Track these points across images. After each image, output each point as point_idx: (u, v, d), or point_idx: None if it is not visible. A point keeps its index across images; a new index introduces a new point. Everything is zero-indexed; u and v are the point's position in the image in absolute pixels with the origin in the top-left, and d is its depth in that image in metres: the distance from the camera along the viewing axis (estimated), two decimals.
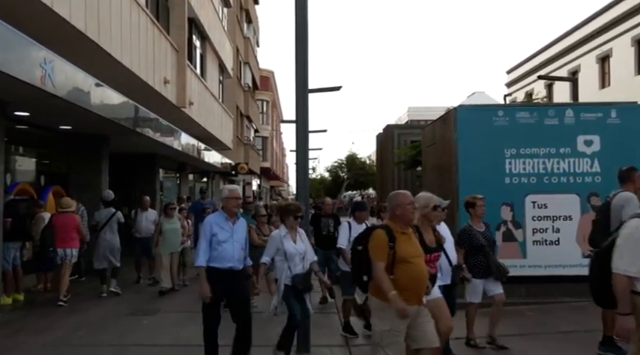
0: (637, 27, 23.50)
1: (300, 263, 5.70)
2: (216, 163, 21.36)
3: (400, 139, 16.56)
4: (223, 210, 5.48)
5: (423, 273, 4.32)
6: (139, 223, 11.00)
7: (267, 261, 5.71)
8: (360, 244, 4.42)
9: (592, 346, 6.27)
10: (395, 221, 4.36)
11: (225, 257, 5.31)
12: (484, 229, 6.34)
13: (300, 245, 5.74)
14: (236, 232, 5.42)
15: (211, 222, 5.38)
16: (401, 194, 4.55)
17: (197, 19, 16.52)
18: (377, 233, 4.31)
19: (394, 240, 4.21)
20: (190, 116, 15.18)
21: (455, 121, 9.07)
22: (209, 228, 5.34)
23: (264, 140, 44.62)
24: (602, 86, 26.34)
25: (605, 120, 8.95)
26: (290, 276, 5.59)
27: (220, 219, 5.43)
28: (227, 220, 5.40)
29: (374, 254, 4.23)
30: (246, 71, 31.92)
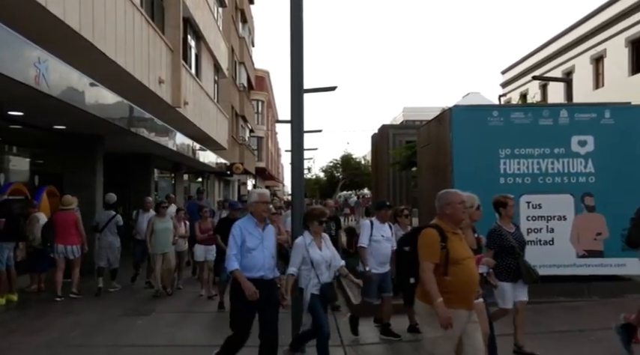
0: (631, 28, 23.61)
1: (327, 271, 5.43)
2: (212, 163, 21.34)
3: (395, 139, 16.57)
4: (252, 216, 5.14)
5: (475, 276, 4.13)
6: (140, 224, 10.64)
7: (295, 272, 5.35)
8: (408, 244, 4.20)
9: (586, 345, 6.30)
10: (444, 220, 4.14)
11: (255, 265, 5.00)
12: (514, 230, 6.03)
13: (326, 251, 5.46)
14: (266, 239, 5.12)
15: (240, 227, 5.07)
16: (451, 192, 4.32)
17: (192, 18, 16.50)
18: (428, 232, 4.09)
19: (446, 239, 4.00)
20: (185, 116, 15.16)
21: (450, 121, 9.08)
22: (238, 232, 5.03)
23: (260, 140, 44.59)
24: (596, 87, 26.45)
25: (599, 121, 8.98)
26: (317, 285, 5.31)
27: (250, 224, 5.11)
28: (257, 226, 5.09)
29: (423, 254, 4.00)
30: (242, 71, 31.90)
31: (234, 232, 5.05)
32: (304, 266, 5.35)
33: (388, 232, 6.89)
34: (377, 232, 6.80)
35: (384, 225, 6.89)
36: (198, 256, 9.71)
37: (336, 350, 6.52)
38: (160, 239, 9.77)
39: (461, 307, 3.94)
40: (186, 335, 7.09)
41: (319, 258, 5.36)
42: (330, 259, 5.48)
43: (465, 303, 3.98)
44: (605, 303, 8.27)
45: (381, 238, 6.77)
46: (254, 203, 5.17)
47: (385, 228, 6.92)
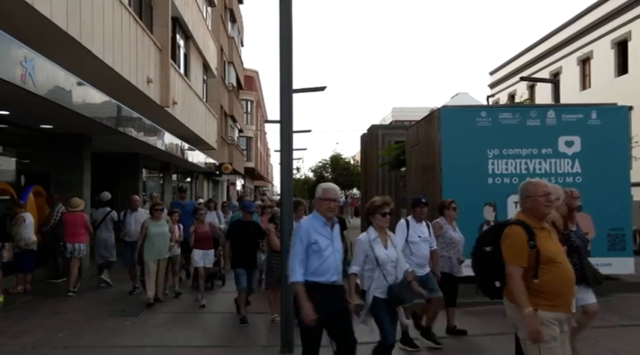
0: (616, 30, 23.86)
1: (394, 271, 4.89)
2: (200, 163, 21.25)
3: (384, 139, 16.60)
4: (318, 213, 4.52)
5: (571, 275, 3.68)
6: (129, 225, 10.14)
7: (357, 271, 4.85)
8: (489, 243, 3.83)
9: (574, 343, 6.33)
10: (527, 215, 3.74)
11: (328, 269, 4.38)
12: (576, 228, 5.57)
13: (392, 250, 4.95)
14: (335, 239, 4.51)
15: (307, 227, 4.43)
16: (532, 183, 3.84)
17: (181, 18, 16.43)
18: (513, 230, 3.66)
19: (534, 237, 3.57)
20: (174, 116, 15.09)
21: (439, 122, 9.13)
22: (305, 233, 4.39)
23: (249, 140, 44.48)
24: (583, 88, 26.69)
25: (585, 122, 9.07)
26: (383, 287, 4.79)
27: (318, 223, 4.47)
28: (325, 225, 4.46)
29: (510, 256, 3.59)
30: (231, 71, 31.80)
31: (301, 233, 4.41)
32: (367, 266, 4.86)
33: (425, 232, 6.39)
34: (413, 233, 6.28)
35: (420, 224, 6.38)
36: (196, 261, 9.11)
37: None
38: (155, 244, 8.98)
39: (560, 310, 3.57)
40: (176, 336, 7.06)
41: (385, 256, 4.86)
42: (397, 258, 4.97)
43: (564, 306, 3.61)
44: None
45: (418, 239, 6.27)
46: (317, 199, 4.55)
47: (422, 228, 6.41)
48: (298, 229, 4.48)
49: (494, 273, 3.73)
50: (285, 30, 6.05)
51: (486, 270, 3.86)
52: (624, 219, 9.10)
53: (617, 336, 6.62)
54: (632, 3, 22.54)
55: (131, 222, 10.09)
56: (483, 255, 3.90)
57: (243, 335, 7.21)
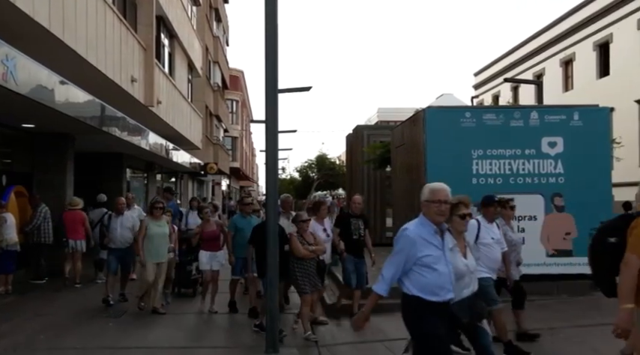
0: (598, 32, 24.16)
1: (471, 284, 4.40)
2: (185, 163, 21.15)
3: (370, 140, 16.64)
4: (425, 218, 3.84)
5: None
6: (114, 231, 9.03)
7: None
8: (614, 234, 3.55)
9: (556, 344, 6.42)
10: None
11: (443, 285, 3.72)
12: None
13: (471, 260, 4.39)
14: (447, 249, 3.84)
15: (415, 237, 3.72)
16: None
17: (165, 17, 16.33)
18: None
19: None
20: (158, 115, 14.99)
21: (424, 122, 9.18)
22: (411, 244, 3.70)
23: (234, 140, 44.34)
24: (566, 89, 26.99)
25: (568, 123, 9.17)
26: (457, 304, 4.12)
27: (427, 231, 3.78)
28: (436, 233, 3.80)
29: (635, 245, 3.30)
30: (216, 70, 31.68)
31: (406, 244, 3.72)
32: None
33: (497, 233, 5.99)
34: (485, 234, 5.77)
35: (492, 226, 5.96)
36: (203, 264, 8.57)
37: (310, 350, 6.53)
38: (156, 245, 8.25)
39: None
40: (160, 337, 7.01)
41: (464, 268, 4.22)
42: (474, 269, 4.44)
43: None
44: (573, 301, 8.44)
45: (491, 241, 5.78)
46: (425, 202, 3.87)
47: (494, 229, 5.99)
48: (404, 238, 3.76)
49: (616, 267, 3.43)
50: (270, 29, 6.05)
51: (608, 263, 3.58)
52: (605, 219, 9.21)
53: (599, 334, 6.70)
54: (614, 6, 22.86)
55: (116, 227, 9.04)
56: (607, 246, 3.65)
57: (227, 336, 7.18)
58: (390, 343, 6.40)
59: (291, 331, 7.11)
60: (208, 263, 8.54)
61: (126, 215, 9.47)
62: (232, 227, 8.47)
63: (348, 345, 6.71)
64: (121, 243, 9.00)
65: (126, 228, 9.10)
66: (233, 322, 7.97)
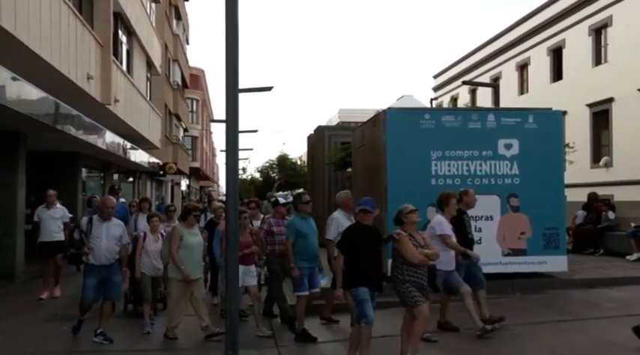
0: (551, 38, 24.91)
1: None
2: (144, 163, 20.78)
3: (331, 140, 16.70)
4: None
5: None
6: (97, 240, 6.77)
7: None
8: None
9: (511, 341, 6.58)
10: None
11: None
12: None
13: None
14: None
15: None
16: None
17: (123, 13, 16.00)
18: None
19: None
20: (116, 113, 14.68)
21: (384, 123, 9.26)
22: None
23: (194, 139, 43.83)
24: (521, 92, 27.72)
25: (523, 125, 9.41)
26: None
27: None
28: None
29: None
30: (176, 69, 31.24)
31: None
32: None
33: None
34: None
35: None
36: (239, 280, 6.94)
37: (270, 351, 6.51)
38: (194, 258, 7.02)
39: None
40: (116, 341, 6.84)
41: None
42: None
43: None
44: (527, 299, 8.67)
45: None
46: None
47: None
48: None
49: None
50: (231, 28, 5.99)
51: None
52: (558, 219, 9.49)
53: (553, 332, 6.91)
54: (566, 13, 23.60)
55: (101, 236, 6.79)
56: None
57: (187, 339, 7.08)
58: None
59: None
60: (241, 279, 6.86)
61: (58, 207, 9.30)
62: (292, 232, 7.01)
63: (311, 345, 6.71)
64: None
65: (55, 219, 8.59)
66: None
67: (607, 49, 21.78)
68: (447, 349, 6.34)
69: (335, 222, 7.26)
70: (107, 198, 7.63)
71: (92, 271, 6.77)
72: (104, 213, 6.97)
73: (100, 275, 6.76)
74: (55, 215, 9.30)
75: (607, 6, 21.34)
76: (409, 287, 5.57)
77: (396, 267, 5.68)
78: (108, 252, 6.81)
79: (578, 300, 8.64)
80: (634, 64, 19.75)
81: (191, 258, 6.91)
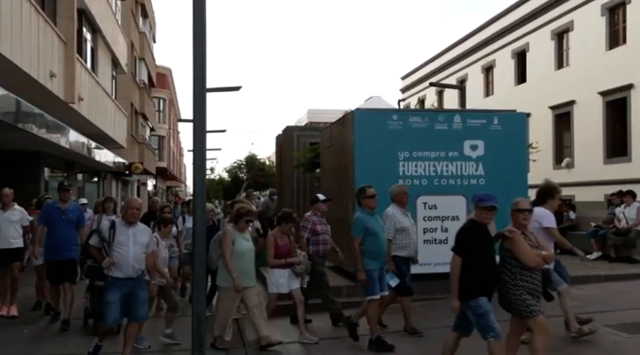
0: (516, 41, 25.44)
1: None
2: (109, 162, 20.42)
3: (299, 141, 16.70)
4: None
5: None
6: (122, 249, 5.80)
7: None
8: None
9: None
10: None
11: None
12: None
13: None
14: None
15: None
16: None
17: (88, 10, 15.70)
18: None
19: None
20: (80, 112, 14.39)
21: (352, 124, 9.31)
22: None
23: (161, 139, 43.27)
24: (487, 94, 28.23)
25: (488, 127, 9.58)
26: None
27: None
28: None
29: None
30: (142, 67, 30.79)
31: None
32: None
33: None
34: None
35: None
36: (280, 285, 6.89)
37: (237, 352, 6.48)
38: (247, 265, 6.54)
39: None
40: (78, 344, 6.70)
41: None
42: None
43: None
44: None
45: None
46: None
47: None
48: None
49: None
50: (198, 27, 5.94)
51: None
52: None
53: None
54: (530, 17, 24.15)
55: (127, 243, 5.83)
56: None
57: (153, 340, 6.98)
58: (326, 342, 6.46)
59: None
60: (286, 284, 6.85)
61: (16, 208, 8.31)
62: (361, 230, 6.49)
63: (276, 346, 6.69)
64: (133, 269, 5.84)
65: (12, 222, 7.74)
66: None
67: (569, 53, 22.38)
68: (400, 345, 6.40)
69: (390, 219, 6.74)
70: (133, 198, 6.80)
71: (115, 285, 5.71)
72: (129, 215, 5.90)
73: (125, 290, 5.74)
74: (12, 218, 8.23)
75: (568, 11, 21.92)
76: (523, 295, 4.89)
77: (507, 270, 5.00)
78: (136, 261, 5.80)
79: None
80: (594, 67, 20.34)
81: (243, 265, 6.41)
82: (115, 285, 5.71)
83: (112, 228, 5.82)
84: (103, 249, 5.80)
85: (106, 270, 5.75)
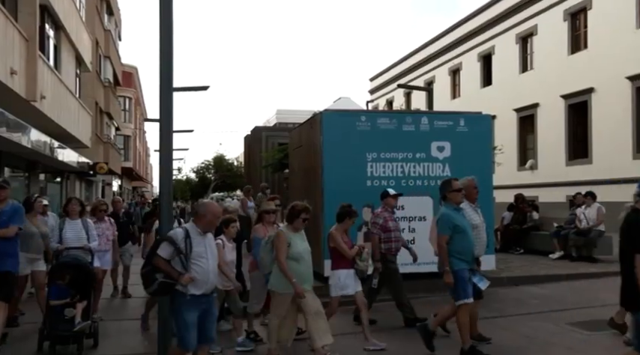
0: (481, 44, 25.90)
1: None
2: (72, 162, 19.95)
3: (268, 141, 16.68)
4: None
5: None
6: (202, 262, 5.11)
7: None
8: None
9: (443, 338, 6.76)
10: None
11: None
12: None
13: None
14: None
15: None
16: None
17: (50, 6, 15.31)
18: None
19: None
20: (42, 111, 14.02)
21: (321, 125, 9.31)
22: None
23: (127, 139, 42.56)
24: (454, 96, 28.65)
25: (455, 128, 9.71)
26: None
27: None
28: None
29: None
30: (107, 65, 30.21)
31: None
32: None
33: None
34: None
35: None
36: (346, 286, 6.41)
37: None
38: (305, 268, 5.86)
39: None
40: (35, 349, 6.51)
41: None
42: None
43: None
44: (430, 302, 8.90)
45: None
46: None
47: None
48: None
49: None
50: (165, 25, 5.86)
51: None
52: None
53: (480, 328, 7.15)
54: (496, 21, 24.60)
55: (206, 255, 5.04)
56: None
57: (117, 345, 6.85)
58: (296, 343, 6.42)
59: None
60: (354, 285, 6.45)
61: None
62: (449, 227, 5.94)
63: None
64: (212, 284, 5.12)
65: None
66: None
67: (533, 57, 22.88)
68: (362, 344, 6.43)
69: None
70: (211, 202, 5.60)
71: (193, 304, 4.90)
72: (207, 223, 5.04)
73: (201, 309, 4.96)
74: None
75: (532, 16, 22.43)
76: None
77: None
78: (214, 275, 5.11)
79: (504, 297, 9.00)
80: (557, 71, 20.84)
81: (301, 268, 5.75)
82: (193, 304, 4.89)
83: (187, 237, 4.91)
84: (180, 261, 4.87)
85: (182, 287, 4.86)
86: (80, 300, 6.37)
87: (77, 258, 6.78)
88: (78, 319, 6.27)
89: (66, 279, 6.42)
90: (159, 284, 4.85)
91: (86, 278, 6.53)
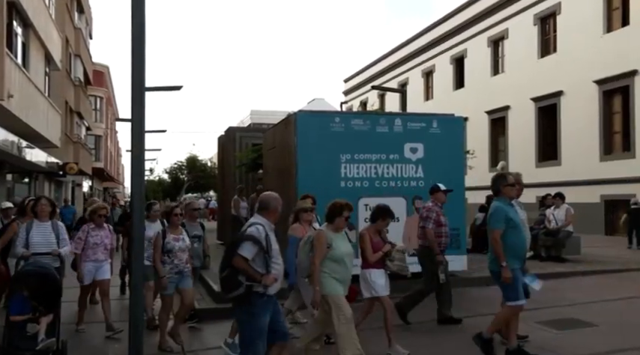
0: (454, 47, 26.23)
1: None
2: (41, 162, 19.57)
3: (242, 142, 16.58)
4: None
5: None
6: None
7: None
8: None
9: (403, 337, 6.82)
10: None
11: None
12: None
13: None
14: None
15: None
16: None
17: (18, 3, 14.98)
18: None
19: None
20: (9, 110, 13.71)
21: (295, 126, 9.31)
22: None
23: (98, 139, 41.89)
24: (427, 98, 28.94)
25: (428, 130, 9.81)
26: None
27: None
28: None
29: None
30: (77, 64, 29.68)
31: None
32: None
33: None
34: None
35: None
36: (379, 287, 6.13)
37: None
38: (346, 272, 5.49)
39: None
40: None
41: None
42: None
43: None
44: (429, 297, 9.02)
45: None
46: None
47: None
48: None
49: None
50: (137, 24, 5.77)
51: None
52: (459, 220, 9.97)
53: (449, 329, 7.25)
54: (468, 24, 24.95)
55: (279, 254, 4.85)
56: None
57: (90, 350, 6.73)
58: None
59: None
60: (385, 286, 6.20)
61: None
62: (502, 220, 5.63)
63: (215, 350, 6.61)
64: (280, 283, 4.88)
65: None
66: None
67: (504, 60, 23.26)
68: None
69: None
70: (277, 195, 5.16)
71: (267, 306, 4.62)
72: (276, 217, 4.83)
73: (272, 310, 4.72)
74: None
75: (503, 19, 22.81)
76: None
77: None
78: (281, 275, 4.83)
79: (475, 297, 9.11)
80: (527, 74, 21.23)
81: (341, 273, 5.36)
82: (269, 306, 4.62)
83: (267, 236, 4.64)
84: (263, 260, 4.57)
85: (261, 288, 4.51)
86: (45, 314, 5.68)
87: (43, 266, 6.05)
88: (42, 336, 5.52)
89: (25, 291, 5.72)
90: (247, 287, 4.46)
91: (52, 289, 5.86)
